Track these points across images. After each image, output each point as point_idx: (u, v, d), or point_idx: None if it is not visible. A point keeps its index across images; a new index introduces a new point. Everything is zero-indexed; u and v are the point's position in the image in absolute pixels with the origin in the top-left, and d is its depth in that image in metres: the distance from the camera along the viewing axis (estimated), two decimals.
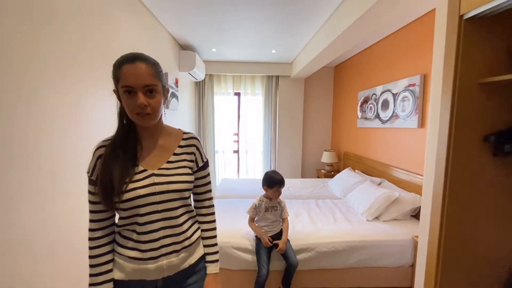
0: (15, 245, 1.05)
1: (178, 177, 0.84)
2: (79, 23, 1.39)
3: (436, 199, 1.31)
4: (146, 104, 0.75)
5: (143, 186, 0.78)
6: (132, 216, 0.79)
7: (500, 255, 1.31)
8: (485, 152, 1.20)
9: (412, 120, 2.43)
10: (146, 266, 0.80)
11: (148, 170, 0.81)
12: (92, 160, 0.80)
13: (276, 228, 1.94)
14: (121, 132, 0.82)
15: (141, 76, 0.74)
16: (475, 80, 1.16)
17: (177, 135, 0.92)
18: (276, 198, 1.95)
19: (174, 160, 0.86)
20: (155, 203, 0.80)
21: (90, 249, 0.79)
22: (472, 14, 1.12)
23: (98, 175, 0.76)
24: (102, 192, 0.75)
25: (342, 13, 2.24)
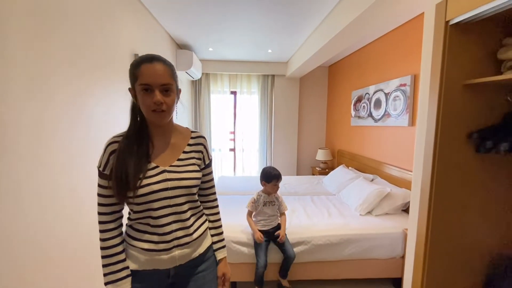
0: (22, 242, 1.09)
1: (188, 173, 0.89)
2: (79, 22, 1.42)
3: (423, 193, 1.40)
4: (162, 102, 0.80)
5: (157, 182, 0.82)
6: (146, 210, 0.83)
7: (482, 245, 1.41)
8: (468, 148, 1.29)
9: (403, 119, 2.53)
10: (160, 257, 0.85)
11: (160, 166, 0.85)
12: (104, 155, 0.82)
13: (273, 222, 2.02)
14: (134, 129, 0.86)
15: (158, 75, 0.79)
16: (459, 82, 1.24)
17: (186, 133, 0.97)
18: (274, 193, 2.03)
19: (184, 158, 0.91)
20: (167, 198, 0.84)
21: (104, 240, 0.82)
22: (457, 20, 1.20)
23: (113, 170, 0.79)
24: (116, 186, 0.78)
25: (336, 16, 2.31)
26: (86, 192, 1.46)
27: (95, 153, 1.54)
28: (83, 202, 1.44)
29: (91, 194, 1.50)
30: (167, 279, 0.90)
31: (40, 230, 1.17)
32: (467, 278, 1.43)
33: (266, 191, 2.02)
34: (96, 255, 1.56)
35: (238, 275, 2.03)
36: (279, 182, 2.01)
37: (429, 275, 1.43)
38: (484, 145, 1.21)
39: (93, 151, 1.52)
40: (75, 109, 1.39)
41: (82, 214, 1.44)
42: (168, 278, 0.90)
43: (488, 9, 1.08)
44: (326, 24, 2.56)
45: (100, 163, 0.83)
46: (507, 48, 1.19)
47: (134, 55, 2.07)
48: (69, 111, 1.35)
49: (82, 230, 1.44)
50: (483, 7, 1.08)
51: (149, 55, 0.82)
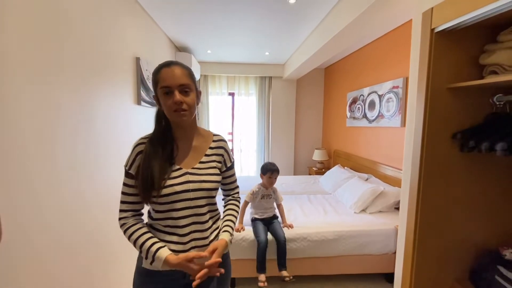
0: (26, 242, 1.15)
1: (209, 176, 0.92)
2: (81, 26, 1.46)
3: (412, 191, 1.48)
4: (182, 101, 0.83)
5: (179, 183, 0.86)
6: (167, 211, 0.86)
7: (468, 240, 1.48)
8: (453, 147, 1.37)
9: (396, 120, 2.61)
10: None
11: (183, 168, 0.89)
12: (131, 155, 0.86)
13: (270, 213, 2.22)
14: (158, 132, 0.90)
15: (177, 77, 0.84)
16: (444, 85, 1.32)
17: (208, 136, 1.00)
18: (270, 186, 2.19)
19: (205, 161, 0.94)
20: (188, 199, 0.87)
21: (131, 232, 0.84)
22: (442, 28, 1.28)
23: (140, 170, 0.83)
24: (142, 186, 0.82)
25: (331, 20, 2.39)
26: (90, 192, 1.51)
27: (98, 153, 1.60)
28: (87, 201, 1.50)
29: (95, 194, 1.56)
30: (183, 279, 0.91)
31: (46, 229, 1.22)
32: (453, 271, 1.51)
33: (263, 183, 2.19)
34: (99, 253, 1.63)
35: (237, 272, 2.09)
36: (273, 175, 2.15)
37: (417, 269, 1.51)
38: (467, 145, 1.28)
39: (96, 152, 1.58)
40: (78, 111, 1.43)
41: (86, 213, 1.49)
42: (184, 278, 0.91)
43: (470, 17, 1.16)
44: (322, 28, 2.65)
45: (127, 163, 0.87)
46: (488, 53, 1.28)
47: (136, 58, 2.14)
48: (72, 113, 1.39)
49: (87, 230, 1.49)
50: (466, 16, 1.16)
51: (168, 61, 0.88)
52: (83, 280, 1.46)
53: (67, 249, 1.34)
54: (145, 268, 0.89)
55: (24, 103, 1.07)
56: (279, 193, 2.25)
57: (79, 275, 1.43)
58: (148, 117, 2.46)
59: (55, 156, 1.26)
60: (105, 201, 1.66)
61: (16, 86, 1.04)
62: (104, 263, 1.66)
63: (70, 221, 1.37)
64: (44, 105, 1.18)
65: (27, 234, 1.10)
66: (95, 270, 1.57)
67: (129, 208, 0.88)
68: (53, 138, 1.24)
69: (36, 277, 1.14)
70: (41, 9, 1.16)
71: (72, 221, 1.38)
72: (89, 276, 1.51)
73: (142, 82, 2.19)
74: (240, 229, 2.07)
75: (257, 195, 2.17)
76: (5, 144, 0.98)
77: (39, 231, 1.16)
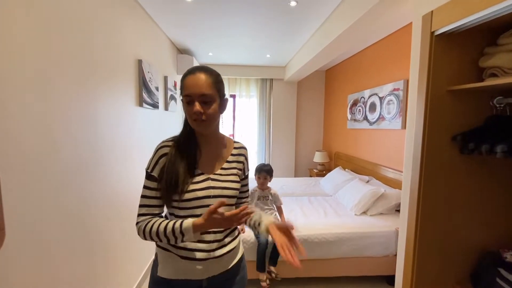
0: (34, 242, 1.15)
1: (230, 183, 0.91)
2: (84, 29, 1.48)
3: (413, 193, 1.48)
4: (201, 112, 0.81)
5: (201, 189, 0.85)
6: (188, 216, 0.84)
7: (469, 241, 1.48)
8: (453, 150, 1.37)
9: (396, 122, 2.62)
10: (195, 266, 0.86)
11: (205, 174, 0.88)
12: (154, 158, 0.85)
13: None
14: (184, 136, 0.90)
15: (198, 86, 0.81)
16: (444, 88, 1.33)
17: (229, 143, 0.99)
18: (261, 186, 2.23)
19: (227, 167, 0.94)
20: (209, 205, 0.81)
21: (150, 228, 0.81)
22: (441, 31, 1.29)
23: (164, 173, 0.82)
24: (166, 188, 0.81)
25: (332, 23, 2.41)
26: (93, 193, 1.52)
27: (101, 155, 1.61)
28: (90, 202, 1.51)
29: (98, 195, 1.57)
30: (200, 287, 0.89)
31: (49, 230, 1.23)
32: (454, 274, 1.51)
33: (257, 185, 2.25)
34: (103, 255, 1.64)
35: None
36: (261, 175, 2.20)
37: (418, 271, 1.51)
38: (467, 147, 1.29)
39: (99, 153, 1.59)
40: (80, 113, 1.45)
41: (89, 214, 1.50)
42: (200, 286, 0.89)
43: (470, 20, 1.17)
44: (323, 30, 2.66)
45: (149, 165, 0.86)
46: (488, 56, 1.29)
47: (138, 61, 2.15)
48: (75, 114, 1.40)
49: (89, 230, 1.50)
50: (465, 19, 1.17)
51: (196, 66, 0.86)
52: (87, 281, 1.46)
53: (70, 250, 1.35)
54: (161, 277, 0.88)
55: (26, 105, 1.08)
56: (279, 196, 2.25)
57: (83, 276, 1.44)
58: (150, 119, 2.47)
59: (58, 158, 1.27)
60: (108, 202, 1.67)
61: (19, 88, 1.05)
62: (108, 264, 1.67)
63: (73, 223, 1.37)
64: (47, 107, 1.20)
65: (31, 235, 1.10)
66: (99, 271, 1.57)
67: (149, 212, 0.85)
68: (56, 139, 1.26)
69: (40, 277, 1.15)
70: (44, 11, 1.18)
71: (75, 223, 1.39)
72: (93, 277, 1.52)
73: (144, 84, 2.21)
74: (241, 230, 2.08)
75: (253, 197, 2.20)
76: (9, 146, 1.00)
77: (43, 232, 1.17)
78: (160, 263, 0.89)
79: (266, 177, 2.20)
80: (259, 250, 2.00)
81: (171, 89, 3.04)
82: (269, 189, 2.24)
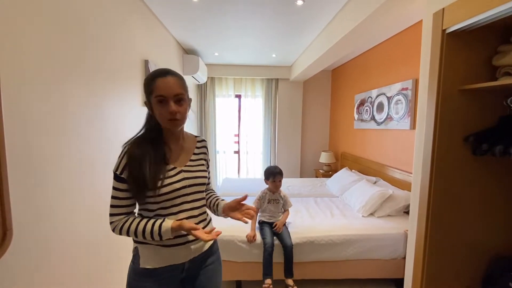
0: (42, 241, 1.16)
1: (200, 172, 1.00)
2: (93, 30, 1.49)
3: (423, 195, 1.45)
4: (176, 111, 0.88)
5: (178, 181, 0.92)
6: (168, 207, 0.91)
7: (481, 245, 1.44)
8: (465, 151, 1.33)
9: (405, 122, 2.57)
10: (177, 250, 0.93)
11: (177, 167, 0.95)
12: (123, 160, 0.88)
13: (277, 217, 2.16)
14: (148, 135, 0.94)
15: (172, 87, 0.87)
16: (456, 87, 1.30)
17: (192, 138, 1.09)
18: (276, 189, 2.15)
19: (195, 159, 1.03)
20: (186, 194, 0.94)
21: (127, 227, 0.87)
22: (453, 29, 1.26)
23: (131, 173, 0.86)
24: (135, 188, 0.86)
25: (338, 22, 2.38)
26: (103, 192, 1.53)
27: (109, 155, 1.62)
28: (99, 201, 1.52)
29: (107, 194, 1.58)
30: (181, 274, 0.97)
31: (58, 228, 1.24)
32: (465, 278, 1.47)
33: (270, 188, 2.16)
34: (114, 252, 1.65)
35: (244, 274, 2.08)
36: (277, 179, 2.11)
37: (428, 276, 1.47)
38: (480, 148, 1.25)
39: (107, 153, 1.60)
40: (89, 113, 1.46)
41: (98, 212, 1.51)
42: (182, 272, 0.97)
43: (482, 18, 1.13)
44: (329, 30, 2.63)
45: (117, 167, 0.88)
46: (502, 55, 1.25)
47: (144, 61, 2.16)
48: (83, 115, 1.41)
49: (97, 230, 1.51)
50: (478, 16, 1.14)
51: (162, 69, 0.91)
52: (99, 278, 1.47)
53: (80, 248, 1.36)
54: (145, 268, 0.92)
55: (32, 105, 1.10)
56: (289, 199, 2.21)
57: (95, 273, 1.44)
58: None
59: (64, 158, 1.28)
60: None
61: (25, 87, 1.06)
62: (120, 261, 1.68)
63: (83, 220, 1.38)
64: (53, 106, 1.21)
65: (41, 233, 1.11)
66: (111, 268, 1.58)
67: (121, 212, 0.90)
68: (62, 139, 1.27)
69: (49, 275, 1.16)
70: (51, 12, 1.19)
71: (85, 220, 1.40)
72: (105, 274, 1.53)
73: None
74: (253, 237, 2.01)
75: (264, 200, 2.15)
76: (15, 146, 1.00)
77: (52, 230, 1.18)
78: (142, 256, 0.93)
79: (281, 180, 2.15)
80: (265, 252, 1.96)
81: None
82: (279, 192, 2.19)
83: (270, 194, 2.16)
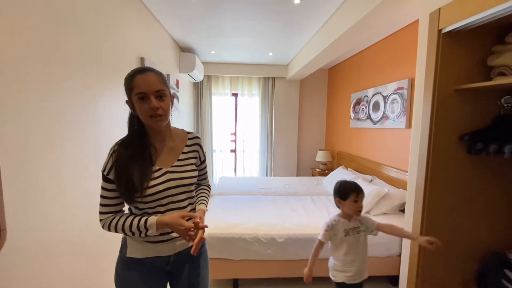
0: (35, 241, 1.15)
1: (188, 173, 0.99)
2: (88, 28, 1.48)
3: (418, 193, 1.47)
4: (158, 107, 0.86)
5: (161, 183, 0.91)
6: (154, 207, 0.92)
7: (474, 243, 1.47)
8: (460, 149, 1.36)
9: (400, 121, 2.60)
10: (163, 246, 0.95)
11: (163, 168, 0.94)
12: (110, 161, 0.88)
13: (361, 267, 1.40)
14: (133, 137, 0.93)
15: (152, 83, 0.86)
16: (451, 87, 1.31)
17: (183, 135, 1.06)
18: (356, 214, 1.39)
19: (183, 158, 1.01)
20: (171, 195, 0.94)
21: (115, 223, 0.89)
22: (449, 29, 1.27)
23: (119, 176, 0.86)
24: (124, 191, 0.86)
25: (335, 21, 2.39)
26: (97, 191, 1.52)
27: (103, 153, 1.60)
28: (93, 201, 1.50)
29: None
30: (166, 266, 0.99)
31: (52, 228, 1.23)
32: (460, 274, 1.49)
33: (345, 213, 1.41)
34: (106, 252, 1.63)
35: (240, 272, 2.09)
36: (360, 198, 1.37)
37: (423, 272, 1.50)
38: (475, 147, 1.27)
39: (100, 152, 1.58)
40: (84, 112, 1.45)
41: (93, 212, 1.49)
42: (167, 265, 0.99)
43: (478, 18, 1.15)
44: (326, 29, 2.64)
45: (104, 168, 0.89)
46: (497, 55, 1.27)
47: (141, 59, 2.14)
48: (78, 113, 1.40)
49: (93, 229, 1.50)
50: (473, 17, 1.15)
51: (141, 67, 0.91)
52: (91, 278, 1.46)
53: (74, 247, 1.35)
54: (130, 257, 0.94)
55: (28, 104, 1.08)
56: (371, 219, 1.44)
57: (87, 273, 1.43)
58: None
59: (59, 156, 1.26)
60: None
61: (20, 84, 1.04)
62: (113, 261, 1.67)
63: (77, 220, 1.37)
64: (48, 104, 1.19)
65: (31, 234, 1.10)
66: (106, 268, 1.57)
67: (110, 210, 0.91)
68: (57, 137, 1.25)
69: (43, 275, 1.15)
70: (48, 9, 1.17)
71: (79, 220, 1.38)
72: (98, 274, 1.52)
73: None
74: (309, 277, 1.46)
75: (337, 232, 1.41)
76: (10, 144, 0.99)
77: (43, 231, 1.17)
78: (129, 246, 0.95)
79: (363, 199, 1.38)
80: None
81: (173, 87, 3.03)
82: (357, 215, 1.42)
83: (345, 221, 1.40)
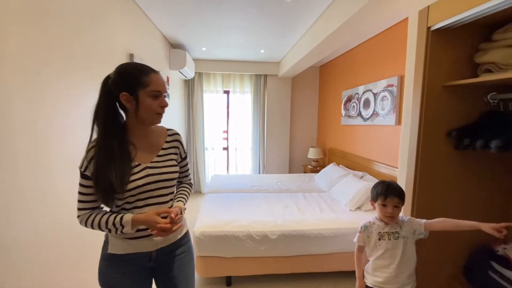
0: (21, 243, 1.12)
1: (168, 168, 0.99)
2: (75, 22, 1.44)
3: (408, 188, 1.49)
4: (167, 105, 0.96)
5: (140, 178, 0.91)
6: (132, 202, 0.92)
7: (464, 237, 1.50)
8: (448, 145, 1.38)
9: (390, 118, 2.64)
10: (143, 242, 0.95)
11: (142, 164, 0.94)
12: (87, 158, 0.87)
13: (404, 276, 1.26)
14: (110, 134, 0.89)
15: (164, 84, 0.95)
16: (440, 83, 1.34)
17: (163, 132, 1.06)
18: (386, 220, 1.28)
19: (163, 154, 1.01)
20: (150, 190, 0.94)
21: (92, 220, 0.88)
22: (438, 26, 1.29)
23: (96, 175, 0.84)
24: (102, 191, 0.84)
25: (326, 18, 2.39)
26: None
27: None
28: None
29: None
30: (149, 262, 0.99)
31: (40, 231, 1.19)
32: (449, 268, 1.53)
33: (379, 216, 1.33)
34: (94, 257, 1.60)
35: (233, 270, 2.09)
36: (388, 202, 1.25)
37: None
38: (462, 142, 1.30)
39: None
40: (69, 108, 1.41)
41: None
42: (150, 261, 0.98)
43: (465, 16, 1.17)
44: (317, 26, 2.64)
45: (82, 165, 0.88)
46: (483, 52, 1.29)
47: (130, 55, 2.10)
48: (63, 110, 1.36)
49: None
50: (461, 14, 1.17)
51: (147, 66, 0.94)
52: (78, 281, 1.43)
53: (62, 247, 1.31)
54: (112, 254, 0.94)
55: (15, 102, 1.04)
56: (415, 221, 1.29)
57: (75, 276, 1.40)
58: None
59: (46, 155, 1.23)
60: None
61: (4, 81, 1.00)
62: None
63: (64, 222, 1.34)
64: (33, 101, 1.16)
65: (19, 236, 1.07)
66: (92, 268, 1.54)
67: (87, 207, 0.91)
68: (43, 136, 1.22)
69: (27, 276, 1.12)
70: (34, 3, 1.13)
71: (66, 222, 1.35)
72: (84, 277, 1.49)
73: None
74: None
75: (370, 234, 1.31)
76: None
77: (31, 233, 1.13)
78: (110, 242, 0.95)
79: (398, 204, 1.25)
80: None
81: None
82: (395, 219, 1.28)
83: (381, 224, 1.30)
